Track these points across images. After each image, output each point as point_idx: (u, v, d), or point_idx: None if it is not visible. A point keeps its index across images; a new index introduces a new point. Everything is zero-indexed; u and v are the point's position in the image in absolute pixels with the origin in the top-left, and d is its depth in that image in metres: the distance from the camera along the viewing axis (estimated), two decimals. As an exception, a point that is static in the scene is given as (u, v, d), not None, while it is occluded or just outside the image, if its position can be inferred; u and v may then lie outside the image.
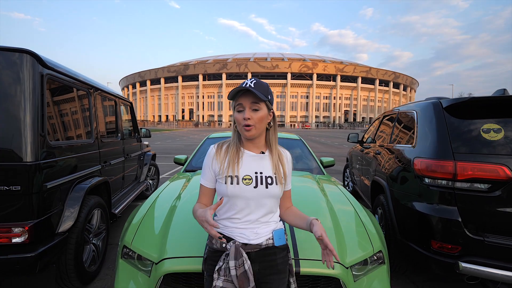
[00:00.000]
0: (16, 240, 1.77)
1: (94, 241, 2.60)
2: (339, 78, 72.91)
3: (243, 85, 1.07)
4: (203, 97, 74.84)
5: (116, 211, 3.17)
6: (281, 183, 1.15)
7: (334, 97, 74.37)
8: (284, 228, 1.24)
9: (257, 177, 1.12)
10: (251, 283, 1.04)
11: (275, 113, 1.21)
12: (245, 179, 1.11)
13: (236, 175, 1.11)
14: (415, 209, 2.24)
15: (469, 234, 1.95)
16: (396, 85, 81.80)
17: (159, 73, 79.04)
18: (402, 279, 2.61)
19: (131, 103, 4.77)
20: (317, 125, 67.31)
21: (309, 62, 71.79)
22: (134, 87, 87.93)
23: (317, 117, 73.86)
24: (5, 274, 1.79)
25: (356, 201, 2.30)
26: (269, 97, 1.12)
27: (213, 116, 74.66)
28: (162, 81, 79.16)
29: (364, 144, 4.63)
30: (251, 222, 1.13)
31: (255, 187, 1.11)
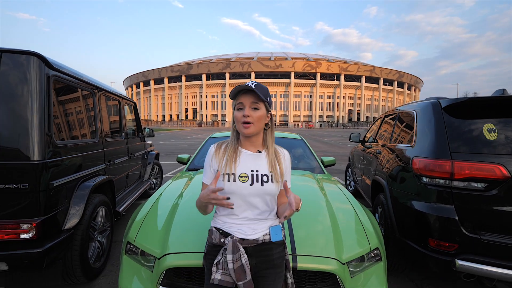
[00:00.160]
0: (24, 236, 1.84)
1: (99, 238, 2.67)
2: (342, 77, 72.57)
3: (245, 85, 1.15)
4: (206, 97, 74.99)
5: (120, 209, 3.23)
6: (277, 181, 1.19)
7: (337, 97, 74.05)
8: (281, 224, 1.28)
9: (253, 175, 1.17)
10: (248, 276, 1.09)
11: (279, 113, 1.26)
12: (242, 176, 1.16)
13: (233, 173, 1.16)
14: (413, 208, 2.27)
15: (465, 232, 1.98)
16: (400, 84, 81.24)
17: (163, 73, 79.36)
18: (401, 277, 2.64)
19: (135, 103, 4.84)
20: (321, 125, 67.12)
21: (313, 61, 71.57)
22: (138, 87, 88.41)
23: (320, 116, 73.62)
24: (14, 269, 1.85)
25: (355, 200, 2.33)
26: (268, 99, 1.20)
27: (216, 115, 74.81)
28: (165, 80, 79.46)
29: (365, 143, 4.65)
30: (248, 218, 1.18)
31: (251, 184, 1.16)
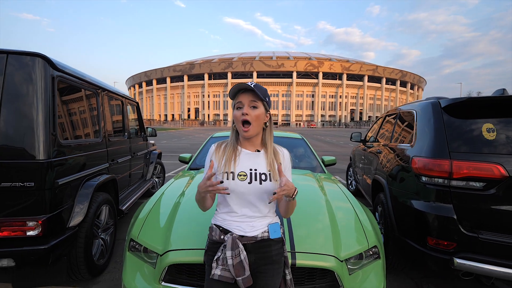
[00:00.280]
0: (30, 233, 1.89)
1: (102, 236, 2.72)
2: (345, 76, 72.43)
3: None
4: (208, 96, 75.17)
5: (123, 208, 3.28)
6: (276, 180, 1.22)
7: (340, 96, 73.94)
8: (280, 222, 1.31)
9: (251, 173, 1.20)
10: (247, 272, 1.13)
11: (281, 112, 1.30)
12: (240, 175, 1.20)
13: (232, 171, 1.20)
14: (412, 207, 2.29)
15: (464, 231, 2.00)
16: (403, 84, 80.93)
17: (165, 73, 79.62)
18: (400, 275, 2.67)
19: (137, 103, 4.89)
20: (323, 124, 67.02)
21: (315, 60, 71.47)
22: (140, 86, 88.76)
23: (323, 116, 73.52)
24: (21, 265, 1.90)
25: (354, 199, 2.36)
26: (267, 99, 1.23)
27: (218, 115, 74.94)
28: (168, 80, 79.71)
29: (366, 143, 4.66)
30: (247, 216, 1.21)
31: (250, 182, 1.19)
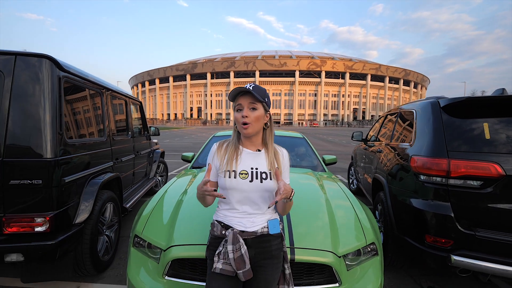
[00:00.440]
0: (38, 229, 1.95)
1: (107, 233, 2.78)
2: (348, 75, 72.13)
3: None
4: (211, 95, 75.21)
5: (127, 205, 3.34)
6: (275, 179, 1.26)
7: (342, 95, 73.62)
8: (279, 218, 1.36)
9: (252, 172, 1.25)
10: (247, 265, 1.18)
11: (283, 111, 1.34)
12: (242, 173, 1.24)
13: (233, 170, 1.24)
14: (411, 205, 2.33)
15: (461, 228, 2.04)
16: (406, 83, 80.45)
17: (168, 72, 79.77)
18: (400, 273, 2.70)
19: (141, 102, 4.95)
20: (326, 123, 66.89)
21: (318, 59, 71.24)
22: (143, 86, 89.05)
23: (325, 115, 73.32)
24: (29, 260, 1.96)
25: (354, 197, 2.40)
26: (266, 99, 1.27)
27: (221, 114, 75.02)
28: (170, 79, 79.86)
29: (368, 142, 4.69)
30: (248, 212, 1.26)
31: (251, 181, 1.24)
